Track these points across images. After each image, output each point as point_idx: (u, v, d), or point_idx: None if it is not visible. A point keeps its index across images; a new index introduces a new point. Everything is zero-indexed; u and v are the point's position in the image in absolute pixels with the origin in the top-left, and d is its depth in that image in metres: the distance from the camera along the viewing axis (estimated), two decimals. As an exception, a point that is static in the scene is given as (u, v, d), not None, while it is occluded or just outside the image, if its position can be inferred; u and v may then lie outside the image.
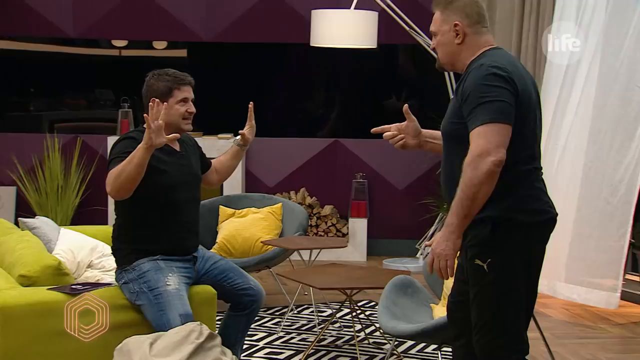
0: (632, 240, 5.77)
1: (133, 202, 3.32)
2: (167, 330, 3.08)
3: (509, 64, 2.70)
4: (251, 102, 3.72)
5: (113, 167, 3.25)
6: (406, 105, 3.05)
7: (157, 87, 3.41)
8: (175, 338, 2.50)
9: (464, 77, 2.75)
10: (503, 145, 2.59)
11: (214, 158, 3.85)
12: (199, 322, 2.61)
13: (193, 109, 3.46)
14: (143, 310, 3.28)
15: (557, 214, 2.77)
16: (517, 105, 2.65)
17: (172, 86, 3.41)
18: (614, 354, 4.52)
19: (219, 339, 2.55)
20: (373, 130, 3.10)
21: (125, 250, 3.40)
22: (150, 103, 3.24)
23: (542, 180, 2.78)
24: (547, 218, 2.74)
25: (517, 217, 2.66)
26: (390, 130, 3.04)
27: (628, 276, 5.89)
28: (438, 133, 3.08)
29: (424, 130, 3.08)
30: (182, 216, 3.43)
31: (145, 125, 3.23)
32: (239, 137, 3.73)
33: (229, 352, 2.57)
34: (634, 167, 5.26)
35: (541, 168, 2.79)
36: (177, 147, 3.49)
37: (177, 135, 3.34)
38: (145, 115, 3.22)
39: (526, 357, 2.75)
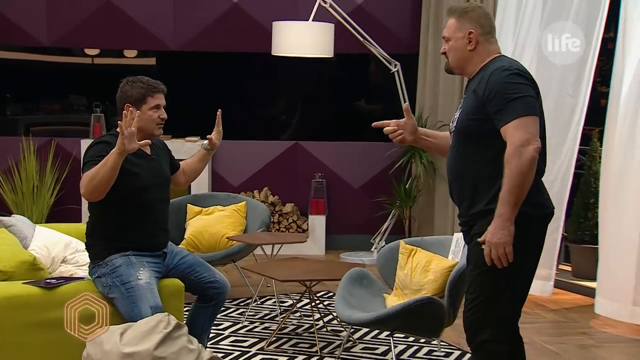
0: (565, 234, 5.87)
1: (106, 202, 3.28)
2: (137, 318, 3.07)
3: (522, 68, 2.77)
4: (219, 110, 3.71)
5: (87, 170, 3.21)
6: (406, 104, 3.10)
7: (131, 94, 3.37)
8: (144, 328, 2.48)
9: (481, 78, 2.77)
10: (538, 134, 2.67)
11: (182, 160, 3.82)
12: (166, 313, 2.59)
13: (165, 115, 3.43)
14: (115, 303, 3.25)
15: (554, 208, 2.85)
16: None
17: (145, 93, 3.37)
18: (547, 336, 4.58)
19: (185, 329, 2.53)
20: (374, 124, 3.12)
21: (99, 246, 3.37)
22: (125, 111, 3.20)
23: (542, 181, 2.83)
24: (548, 212, 2.81)
25: (523, 209, 2.69)
26: (390, 125, 3.07)
27: (561, 266, 5.99)
28: (432, 132, 3.18)
29: (420, 129, 3.12)
30: (153, 215, 3.41)
31: (118, 130, 3.20)
32: (206, 141, 3.71)
33: (195, 340, 2.55)
34: (566, 167, 5.35)
35: (545, 170, 2.84)
36: (148, 150, 3.45)
37: (149, 141, 3.30)
38: (119, 121, 3.19)
39: (504, 332, 2.79)
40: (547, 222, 2.83)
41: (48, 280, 3.35)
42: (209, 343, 4.12)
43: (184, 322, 3.51)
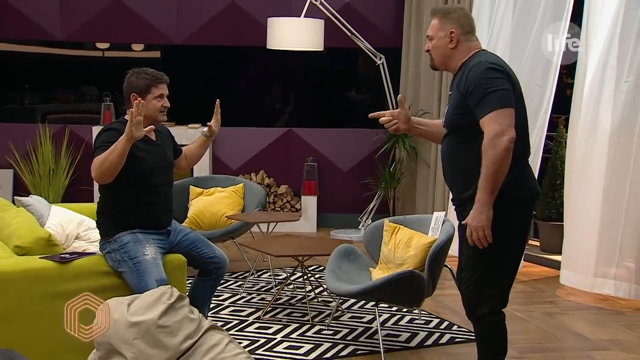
0: (534, 212, 5.88)
1: (115, 184, 3.26)
2: (144, 290, 3.07)
3: (500, 62, 2.75)
4: (218, 100, 3.69)
5: (97, 155, 3.19)
6: (400, 95, 3.08)
7: (136, 84, 3.34)
8: (149, 299, 2.47)
9: (462, 74, 2.76)
10: (512, 125, 2.64)
11: (185, 145, 3.80)
12: (170, 286, 2.58)
13: (167, 104, 3.40)
14: (124, 276, 3.24)
15: (540, 191, 2.86)
16: (514, 97, 2.70)
17: (150, 84, 3.34)
18: (517, 305, 4.58)
19: (187, 300, 2.53)
20: (370, 115, 3.10)
21: (108, 224, 3.35)
22: (136, 101, 3.18)
23: (529, 163, 2.83)
24: (535, 193, 2.82)
25: (513, 193, 2.70)
26: (385, 116, 3.06)
27: (530, 241, 6.01)
28: (425, 121, 3.17)
29: (413, 118, 3.11)
30: (158, 197, 3.38)
31: (127, 117, 3.19)
32: (206, 128, 3.69)
33: (196, 310, 2.55)
34: (535, 151, 5.33)
35: (530, 153, 2.84)
36: (153, 137, 3.43)
37: (153, 127, 3.28)
38: (129, 109, 3.18)
39: (500, 306, 2.84)
40: (535, 203, 2.84)
41: (62, 255, 3.34)
42: (210, 313, 4.13)
43: (187, 294, 3.52)
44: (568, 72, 6.34)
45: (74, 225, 4.13)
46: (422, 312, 4.26)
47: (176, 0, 6.79)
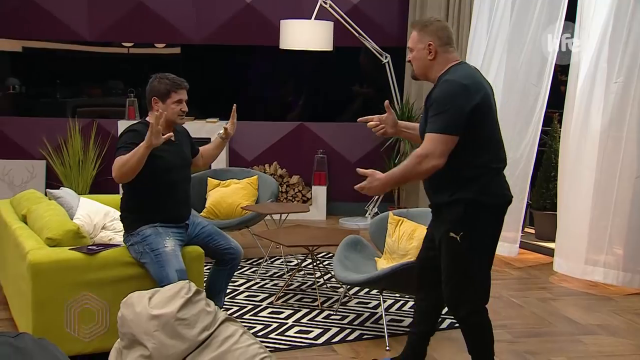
0: (530, 202, 5.84)
1: (137, 181, 3.25)
2: (166, 282, 3.06)
3: (467, 78, 2.66)
4: (235, 105, 3.64)
5: (119, 155, 3.18)
6: (387, 101, 3.03)
7: (158, 89, 3.32)
8: (169, 293, 2.46)
9: (433, 88, 2.72)
10: (445, 154, 2.60)
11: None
12: (187, 281, 2.57)
13: (185, 109, 3.38)
14: (146, 267, 3.23)
15: (512, 197, 2.80)
16: (478, 111, 2.61)
17: (170, 89, 3.31)
18: (513, 291, 4.57)
19: (204, 294, 2.52)
20: (359, 119, 3.08)
21: (131, 219, 3.34)
22: (157, 113, 3.15)
23: (503, 175, 2.78)
24: (505, 200, 2.76)
25: (483, 199, 2.67)
26: (373, 120, 3.02)
27: (526, 229, 5.97)
28: (412, 124, 3.11)
29: (400, 122, 3.07)
30: (176, 192, 3.37)
31: (148, 119, 3.22)
32: (222, 131, 3.65)
33: (212, 303, 2.53)
34: (531, 146, 5.30)
35: (505, 165, 2.77)
36: (172, 137, 3.40)
37: (171, 134, 3.21)
38: (151, 112, 3.22)
39: (482, 304, 2.81)
40: (506, 209, 2.79)
41: (90, 247, 3.34)
42: (226, 298, 4.14)
43: (204, 282, 3.52)
44: (562, 70, 6.27)
45: (101, 216, 4.13)
46: (423, 297, 4.23)
47: (195, 2, 6.74)
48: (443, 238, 2.74)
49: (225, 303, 4.07)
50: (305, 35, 5.85)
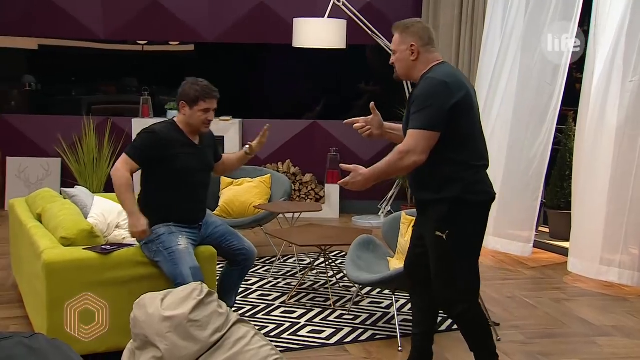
0: (544, 201, 5.80)
1: (154, 180, 3.27)
2: (180, 280, 3.07)
3: (449, 76, 2.69)
4: (268, 125, 3.60)
5: (127, 153, 3.25)
6: (372, 103, 3.03)
7: (187, 93, 3.29)
8: (181, 295, 2.46)
9: (416, 86, 2.74)
10: (427, 150, 2.63)
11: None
12: (200, 282, 2.58)
13: (212, 118, 3.33)
14: (160, 265, 3.24)
15: (495, 194, 2.80)
16: (458, 109, 2.64)
17: (199, 96, 3.28)
18: (527, 291, 4.54)
19: (216, 295, 2.52)
20: (345, 122, 3.08)
21: (146, 215, 3.33)
22: (145, 232, 3.23)
23: (486, 172, 2.79)
24: (489, 197, 2.77)
25: (467, 197, 2.68)
26: (359, 122, 3.03)
27: (541, 228, 5.93)
28: (397, 125, 3.10)
29: (386, 123, 3.07)
30: (192, 196, 3.36)
31: (176, 119, 3.26)
32: (247, 145, 3.62)
33: (224, 304, 2.54)
34: (545, 145, 5.26)
35: (487, 164, 2.78)
36: (197, 141, 3.39)
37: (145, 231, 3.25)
38: (181, 115, 3.27)
39: (474, 301, 2.81)
40: (490, 206, 2.80)
41: (103, 247, 3.35)
42: (239, 297, 4.15)
43: (217, 282, 3.52)
44: (577, 67, 6.21)
45: (115, 214, 4.14)
46: (436, 297, 4.22)
47: (209, 1, 6.75)
48: (430, 237, 2.76)
49: (237, 302, 4.09)
50: (318, 33, 5.83)
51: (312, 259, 4.79)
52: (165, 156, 3.25)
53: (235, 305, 4.02)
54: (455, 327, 3.80)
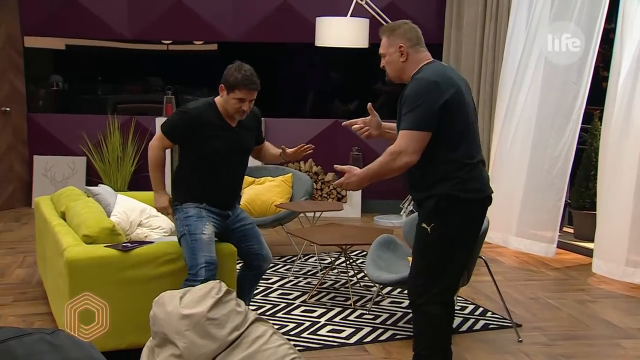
0: (568, 201, 5.72)
1: (188, 159, 3.29)
2: (193, 270, 3.08)
3: (438, 75, 2.65)
4: (311, 146, 3.49)
5: (162, 128, 3.28)
6: (370, 103, 3.01)
7: (229, 77, 3.18)
8: (200, 293, 2.47)
9: (406, 87, 2.71)
10: (418, 151, 2.61)
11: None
12: (218, 280, 2.58)
13: (246, 108, 3.20)
14: (182, 246, 3.22)
15: (491, 193, 2.75)
16: (449, 107, 2.61)
17: (237, 84, 3.16)
18: (550, 292, 4.48)
19: (234, 294, 2.52)
20: (343, 123, 3.07)
21: (179, 190, 3.33)
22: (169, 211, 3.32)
23: (481, 169, 2.74)
24: (482, 196, 2.71)
25: (457, 194, 2.65)
26: (357, 123, 3.00)
27: (565, 229, 5.85)
28: (394, 125, 3.05)
29: (384, 123, 3.06)
30: (221, 178, 3.29)
31: (217, 99, 3.22)
32: (283, 148, 3.51)
33: (242, 303, 2.53)
34: (569, 145, 5.19)
35: (481, 161, 2.74)
36: (234, 123, 3.29)
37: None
38: (220, 97, 3.21)
39: (444, 303, 2.76)
40: (482, 205, 2.73)
41: (125, 244, 3.37)
42: (259, 295, 4.16)
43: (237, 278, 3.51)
44: (604, 65, 6.11)
45: (137, 213, 4.17)
46: (458, 297, 4.18)
47: (232, 0, 6.77)
48: (417, 229, 2.75)
49: (257, 301, 4.09)
50: (340, 32, 5.81)
51: (333, 259, 4.77)
52: (196, 137, 3.21)
53: (256, 303, 4.03)
54: (477, 327, 3.76)
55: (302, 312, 3.96)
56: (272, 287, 4.40)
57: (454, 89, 2.64)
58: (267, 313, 3.92)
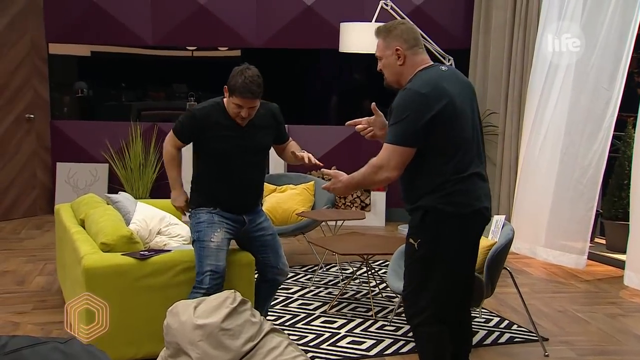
0: (600, 211, 5.62)
1: (200, 162, 3.32)
2: (199, 277, 3.10)
3: (428, 85, 2.55)
4: (330, 170, 3.45)
5: (173, 129, 3.35)
6: (373, 103, 2.96)
7: (231, 80, 3.19)
8: (214, 303, 2.47)
9: (396, 96, 2.64)
10: (401, 166, 2.54)
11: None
12: (233, 290, 2.58)
13: (244, 115, 3.19)
14: (193, 248, 3.27)
15: (485, 208, 2.62)
16: (438, 120, 2.52)
17: (235, 90, 3.17)
18: (579, 305, 4.39)
19: (249, 304, 2.52)
20: (347, 123, 3.03)
21: (194, 192, 3.37)
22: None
23: (474, 182, 2.61)
24: (471, 210, 2.58)
25: (444, 208, 2.56)
26: (361, 123, 2.97)
27: (597, 239, 5.74)
28: None
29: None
30: (233, 179, 3.28)
31: (225, 99, 3.24)
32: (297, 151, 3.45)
33: (257, 313, 2.53)
34: (600, 153, 5.09)
35: (476, 173, 2.62)
36: (244, 122, 3.27)
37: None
38: (225, 96, 3.22)
39: (440, 321, 2.67)
40: (474, 220, 2.60)
41: (142, 253, 3.39)
42: (279, 305, 4.15)
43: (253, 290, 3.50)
44: (639, 71, 6.01)
45: (157, 221, 4.19)
46: (482, 309, 4.13)
47: (255, 7, 6.81)
48: (406, 245, 2.71)
49: (277, 311, 4.09)
50: (365, 38, 5.79)
51: (354, 268, 4.74)
52: (204, 137, 3.23)
53: (275, 313, 4.02)
54: (501, 341, 3.71)
55: (322, 322, 3.94)
56: (292, 297, 4.39)
57: (445, 101, 2.53)
58: (287, 323, 3.91)
